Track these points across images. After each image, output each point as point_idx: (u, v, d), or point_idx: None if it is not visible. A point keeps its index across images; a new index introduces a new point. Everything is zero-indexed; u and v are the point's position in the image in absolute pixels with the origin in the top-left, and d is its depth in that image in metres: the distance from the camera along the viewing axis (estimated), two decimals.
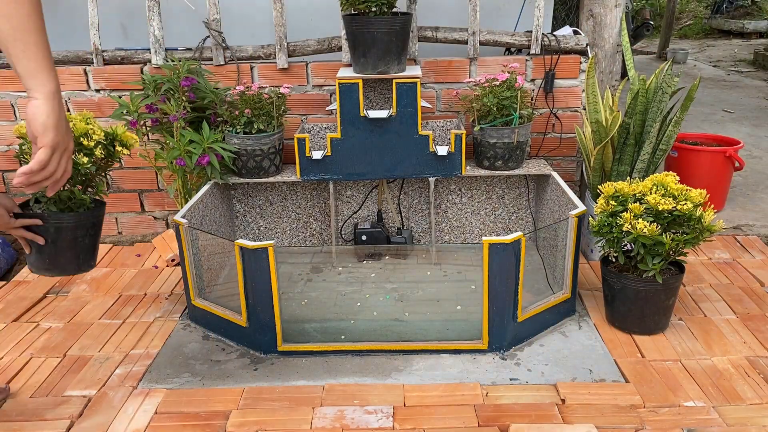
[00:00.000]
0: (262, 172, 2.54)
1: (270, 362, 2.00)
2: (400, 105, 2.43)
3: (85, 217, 1.78)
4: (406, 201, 2.77)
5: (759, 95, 5.95)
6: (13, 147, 2.88)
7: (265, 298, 1.95)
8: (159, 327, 2.21)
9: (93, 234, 1.82)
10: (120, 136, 1.90)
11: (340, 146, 2.50)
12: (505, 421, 1.69)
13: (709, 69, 7.51)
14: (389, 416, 1.72)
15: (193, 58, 2.72)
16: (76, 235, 1.77)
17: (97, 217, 1.82)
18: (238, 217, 2.78)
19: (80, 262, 1.80)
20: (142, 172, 2.90)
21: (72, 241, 1.76)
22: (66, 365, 2.00)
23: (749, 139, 4.33)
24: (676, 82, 2.53)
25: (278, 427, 1.70)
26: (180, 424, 1.72)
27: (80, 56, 2.78)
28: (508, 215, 2.79)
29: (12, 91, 2.80)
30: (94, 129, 1.82)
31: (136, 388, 1.88)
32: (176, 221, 2.10)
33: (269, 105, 2.47)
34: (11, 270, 2.73)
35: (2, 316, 2.30)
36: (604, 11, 2.72)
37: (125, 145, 1.91)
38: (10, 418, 1.75)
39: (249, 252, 1.90)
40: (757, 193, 3.32)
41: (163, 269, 2.66)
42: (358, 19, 2.33)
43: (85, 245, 1.79)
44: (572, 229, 2.05)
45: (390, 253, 2.72)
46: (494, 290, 1.93)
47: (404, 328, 2.15)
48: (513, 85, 2.44)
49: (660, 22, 8.92)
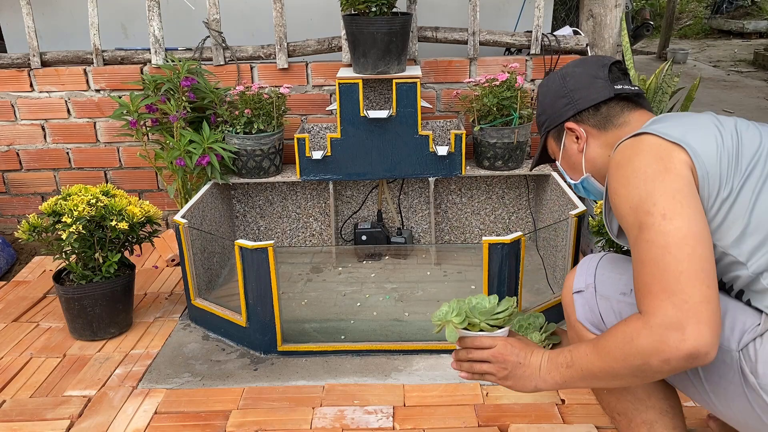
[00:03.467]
0: (262, 172, 2.54)
1: (270, 362, 2.00)
2: (400, 105, 2.43)
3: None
4: (406, 201, 2.77)
5: (759, 95, 5.95)
6: (13, 147, 2.88)
7: (265, 298, 1.95)
8: (159, 327, 2.21)
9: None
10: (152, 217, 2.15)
11: (340, 146, 2.50)
12: (505, 421, 1.69)
13: (709, 69, 7.51)
14: (389, 416, 1.72)
15: (193, 58, 2.72)
16: None
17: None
18: (238, 217, 2.78)
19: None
20: (142, 172, 2.90)
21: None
22: (66, 365, 2.00)
23: None
24: (676, 82, 2.53)
25: (278, 427, 1.70)
26: (180, 424, 1.72)
27: (80, 56, 2.78)
28: (508, 215, 2.79)
29: (12, 91, 2.80)
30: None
31: (136, 388, 1.88)
32: (176, 221, 2.10)
33: (269, 105, 2.47)
34: (11, 270, 2.73)
35: (2, 316, 2.30)
36: (604, 11, 2.72)
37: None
38: (10, 418, 1.75)
39: (249, 252, 1.90)
40: None
41: (163, 269, 2.66)
42: (358, 19, 2.33)
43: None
44: (572, 229, 2.05)
45: (390, 253, 2.72)
46: (494, 290, 1.93)
47: (404, 328, 2.15)
48: (513, 85, 2.44)
49: (660, 22, 8.92)
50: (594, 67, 1.36)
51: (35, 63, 2.75)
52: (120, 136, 2.72)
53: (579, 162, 1.39)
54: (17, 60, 2.78)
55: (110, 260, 2.05)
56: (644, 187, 1.08)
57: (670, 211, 1.05)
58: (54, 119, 2.83)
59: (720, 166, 1.10)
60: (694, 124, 1.18)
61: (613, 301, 1.29)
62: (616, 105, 1.33)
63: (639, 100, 1.35)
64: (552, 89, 1.41)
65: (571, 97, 1.36)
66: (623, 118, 1.32)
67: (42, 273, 2.64)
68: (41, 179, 2.94)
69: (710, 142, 1.12)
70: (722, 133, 1.15)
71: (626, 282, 1.27)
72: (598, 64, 1.37)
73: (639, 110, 1.33)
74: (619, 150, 1.19)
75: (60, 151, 2.89)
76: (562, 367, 1.18)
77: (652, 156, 1.11)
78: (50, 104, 2.81)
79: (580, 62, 1.41)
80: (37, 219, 2.04)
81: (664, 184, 1.07)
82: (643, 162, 1.11)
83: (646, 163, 1.11)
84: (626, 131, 1.28)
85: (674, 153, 1.10)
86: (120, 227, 1.99)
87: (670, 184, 1.07)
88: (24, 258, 2.82)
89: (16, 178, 2.94)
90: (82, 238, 1.99)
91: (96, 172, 2.92)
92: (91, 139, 2.86)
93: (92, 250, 2.04)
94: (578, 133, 1.35)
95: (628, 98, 1.34)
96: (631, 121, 1.31)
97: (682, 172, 1.09)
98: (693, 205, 1.06)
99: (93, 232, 2.01)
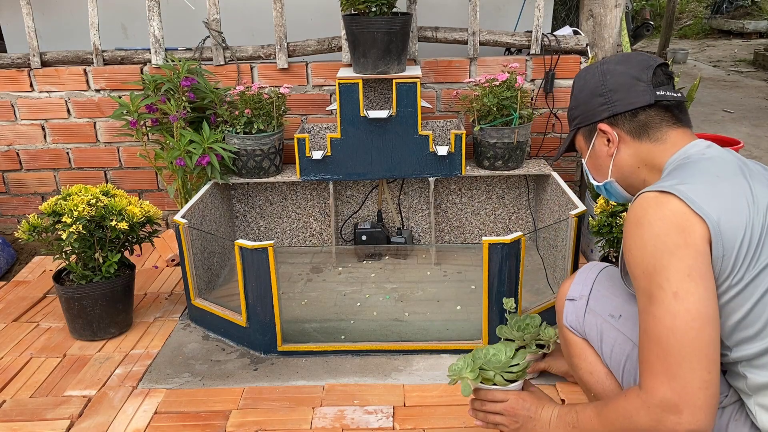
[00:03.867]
0: (262, 172, 2.54)
1: (270, 362, 2.00)
2: (400, 105, 2.43)
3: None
4: (406, 201, 2.77)
5: (759, 95, 5.95)
6: (13, 147, 2.88)
7: (265, 298, 1.95)
8: (159, 327, 2.21)
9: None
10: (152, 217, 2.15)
11: (340, 146, 2.50)
12: None
13: (709, 69, 7.51)
14: (389, 416, 1.72)
15: (193, 58, 2.72)
16: None
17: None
18: (238, 217, 2.78)
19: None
20: (142, 172, 2.90)
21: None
22: (66, 365, 2.00)
23: (749, 139, 4.33)
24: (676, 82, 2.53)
25: (278, 427, 1.70)
26: (180, 424, 1.72)
27: (80, 56, 2.78)
28: (508, 215, 2.79)
29: (12, 91, 2.80)
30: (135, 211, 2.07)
31: (136, 388, 1.88)
32: (176, 221, 2.10)
33: (269, 105, 2.47)
34: (11, 270, 2.73)
35: (2, 316, 2.30)
36: (604, 11, 2.72)
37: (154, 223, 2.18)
38: (10, 418, 1.76)
39: (249, 252, 1.90)
40: None
41: (163, 269, 2.66)
42: (358, 19, 2.33)
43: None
44: (572, 229, 2.05)
45: (390, 253, 2.72)
46: (494, 290, 1.93)
47: (404, 328, 2.15)
48: (513, 85, 2.44)
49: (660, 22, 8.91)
50: (637, 67, 1.28)
51: (35, 63, 2.75)
52: (120, 136, 2.72)
53: (607, 165, 1.34)
54: (17, 60, 2.78)
55: (110, 260, 2.05)
56: (660, 258, 1.06)
57: (683, 290, 1.03)
58: (54, 119, 2.83)
59: (739, 251, 1.06)
60: (727, 192, 1.10)
61: (599, 320, 1.33)
62: (655, 115, 1.26)
63: (679, 114, 1.28)
64: (590, 85, 1.33)
65: (609, 97, 1.29)
66: (661, 133, 1.25)
67: (42, 273, 2.64)
68: (41, 179, 2.94)
69: (737, 224, 1.07)
70: (751, 215, 1.08)
71: (617, 306, 1.28)
72: (642, 64, 1.29)
73: (679, 128, 1.26)
74: (640, 203, 1.12)
75: (60, 151, 2.89)
76: (569, 426, 1.23)
77: (673, 226, 1.06)
78: (50, 104, 2.81)
79: (623, 59, 1.33)
80: (37, 219, 2.04)
81: (680, 260, 1.05)
82: (663, 230, 1.07)
83: (666, 232, 1.07)
84: (661, 149, 1.24)
85: (696, 226, 1.05)
86: (120, 227, 1.99)
87: (686, 260, 1.05)
88: (24, 258, 2.82)
89: (16, 178, 2.94)
90: (82, 238, 1.99)
91: (96, 172, 2.92)
92: (91, 139, 2.86)
93: (92, 250, 2.04)
94: (611, 136, 1.30)
95: (669, 108, 1.26)
96: (669, 138, 1.25)
97: (701, 247, 1.05)
98: (706, 284, 1.05)
99: (93, 232, 2.01)
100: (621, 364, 1.32)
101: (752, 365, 1.10)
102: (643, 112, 1.26)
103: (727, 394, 1.14)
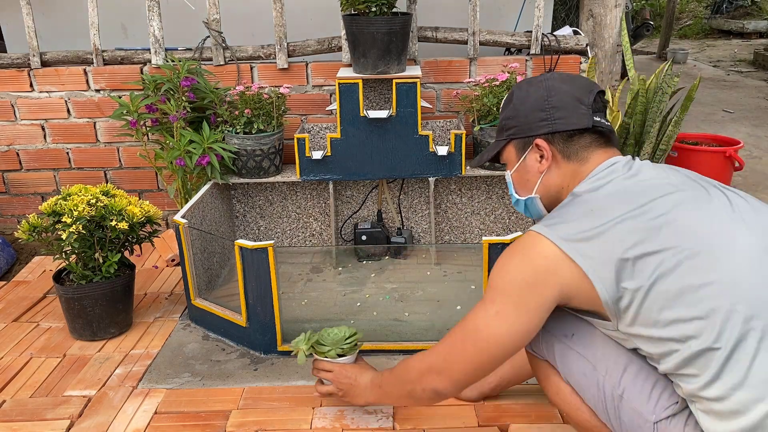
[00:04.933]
0: (262, 172, 2.54)
1: (270, 362, 2.00)
2: (400, 105, 2.43)
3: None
4: (406, 201, 2.78)
5: (759, 95, 5.95)
6: (13, 147, 2.88)
7: (265, 298, 1.95)
8: (159, 327, 2.21)
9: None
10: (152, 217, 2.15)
11: (340, 146, 2.50)
12: (505, 421, 1.69)
13: (709, 69, 7.51)
14: (389, 416, 1.72)
15: (193, 58, 2.72)
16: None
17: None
18: (238, 217, 2.79)
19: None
20: (142, 172, 2.91)
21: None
22: (66, 365, 2.00)
23: (749, 139, 4.34)
24: (676, 82, 2.53)
25: (278, 427, 1.70)
26: (180, 424, 1.72)
27: (80, 56, 2.78)
28: (508, 215, 2.79)
29: (12, 91, 2.80)
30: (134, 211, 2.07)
31: (135, 388, 1.88)
32: (176, 221, 2.10)
33: (269, 105, 2.47)
34: (11, 270, 2.73)
35: (2, 316, 2.30)
36: (604, 11, 2.73)
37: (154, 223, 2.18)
38: (10, 418, 1.76)
39: (249, 252, 1.90)
40: (757, 193, 3.32)
41: (163, 269, 2.66)
42: (358, 19, 2.33)
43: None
44: None
45: (390, 253, 2.72)
46: None
47: (404, 328, 2.15)
48: (513, 85, 2.44)
49: (660, 22, 8.92)
50: (581, 90, 1.32)
51: (35, 63, 2.75)
52: (120, 136, 2.72)
53: (534, 181, 1.36)
54: (17, 60, 2.78)
55: (110, 260, 2.05)
56: (509, 286, 1.21)
57: (505, 315, 1.21)
58: (54, 119, 2.84)
59: (617, 281, 1.13)
60: (603, 229, 1.15)
61: (555, 339, 1.35)
62: (588, 137, 1.31)
63: (608, 141, 1.33)
64: (532, 98, 1.34)
65: (552, 114, 1.31)
66: (587, 153, 1.30)
67: (42, 273, 2.64)
68: (41, 179, 2.94)
69: (607, 259, 1.13)
70: (629, 242, 1.12)
71: (570, 323, 1.32)
72: (585, 88, 1.32)
73: (602, 149, 1.31)
74: (526, 239, 1.23)
75: (60, 151, 2.89)
76: (377, 387, 1.54)
77: (533, 269, 1.18)
78: (50, 104, 2.81)
79: (568, 79, 1.36)
80: (37, 219, 2.04)
81: (521, 295, 1.19)
82: (522, 268, 1.20)
83: (523, 270, 1.20)
84: (583, 169, 1.29)
85: (549, 277, 1.17)
86: (120, 227, 1.99)
87: (527, 297, 1.19)
88: (24, 258, 2.82)
89: (16, 178, 2.94)
90: (82, 238, 1.99)
91: (96, 172, 2.92)
92: (91, 139, 2.86)
93: (92, 250, 2.04)
94: (546, 153, 1.32)
95: (602, 134, 1.31)
96: (591, 158, 1.30)
97: (547, 293, 1.18)
98: (532, 320, 1.20)
99: (93, 232, 2.01)
100: (580, 384, 1.32)
101: (676, 376, 1.14)
102: (579, 134, 1.31)
103: (678, 401, 1.17)
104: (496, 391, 1.75)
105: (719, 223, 1.14)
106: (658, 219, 1.13)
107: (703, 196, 1.19)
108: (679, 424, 1.16)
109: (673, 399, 1.18)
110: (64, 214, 1.97)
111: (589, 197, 1.23)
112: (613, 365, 1.24)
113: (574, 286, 1.16)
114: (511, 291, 1.20)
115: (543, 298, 1.18)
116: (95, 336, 2.12)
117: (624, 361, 1.23)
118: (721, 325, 1.06)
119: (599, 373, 1.26)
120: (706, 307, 1.07)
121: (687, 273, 1.09)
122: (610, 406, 1.25)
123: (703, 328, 1.07)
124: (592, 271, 1.13)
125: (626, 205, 1.17)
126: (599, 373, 1.26)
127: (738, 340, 1.05)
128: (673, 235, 1.11)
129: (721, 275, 1.08)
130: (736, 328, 1.05)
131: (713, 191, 1.21)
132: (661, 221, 1.13)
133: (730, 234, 1.12)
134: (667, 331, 1.10)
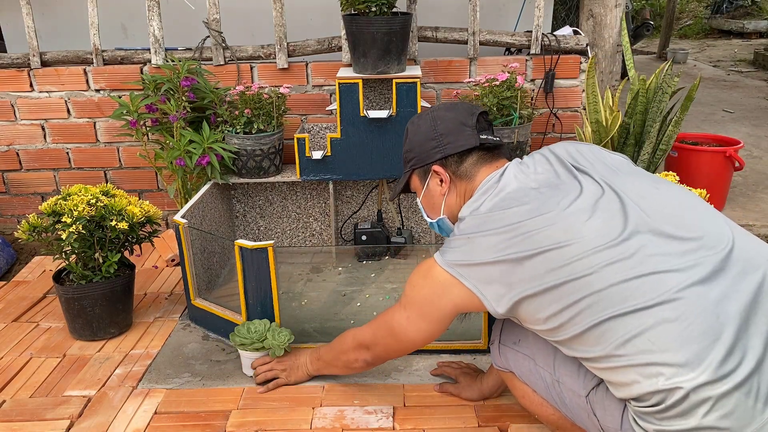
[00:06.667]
0: (262, 172, 2.54)
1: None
2: (400, 105, 2.43)
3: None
4: (406, 201, 2.77)
5: (759, 95, 5.95)
6: (13, 147, 2.88)
7: (265, 298, 1.95)
8: (159, 327, 2.21)
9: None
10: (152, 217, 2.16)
11: (340, 146, 2.50)
12: (505, 421, 1.69)
13: (709, 69, 7.51)
14: (389, 416, 1.72)
15: (193, 58, 2.72)
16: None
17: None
18: (238, 217, 2.78)
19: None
20: (142, 172, 2.91)
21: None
22: (66, 365, 2.00)
23: (749, 139, 4.33)
24: (676, 82, 2.53)
25: (278, 427, 1.70)
26: (180, 424, 1.72)
27: (80, 56, 2.78)
28: None
29: (12, 91, 2.80)
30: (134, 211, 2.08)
31: (135, 388, 1.88)
32: (176, 221, 2.10)
33: (269, 105, 2.47)
34: (11, 270, 2.73)
35: (2, 316, 2.30)
36: (604, 11, 2.73)
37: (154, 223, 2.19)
38: (10, 418, 1.75)
39: (249, 252, 1.90)
40: (757, 193, 3.32)
41: (163, 269, 2.66)
42: (358, 19, 2.33)
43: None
44: None
45: (390, 253, 2.72)
46: None
47: None
48: (513, 85, 2.44)
49: (660, 22, 8.92)
50: (464, 114, 1.48)
51: (35, 63, 2.75)
52: (120, 136, 2.72)
53: (439, 204, 1.52)
54: (17, 60, 2.78)
55: (110, 260, 2.05)
56: (416, 298, 1.42)
57: (414, 320, 1.44)
58: (54, 119, 2.84)
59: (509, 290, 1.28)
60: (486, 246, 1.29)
61: (508, 350, 1.50)
62: (476, 155, 1.46)
63: (497, 154, 1.48)
64: (422, 129, 1.50)
65: (441, 140, 1.47)
66: (474, 170, 1.45)
67: (42, 273, 2.64)
68: (41, 179, 2.94)
69: (491, 275, 1.29)
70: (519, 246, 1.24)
71: (517, 332, 1.47)
72: (467, 112, 1.48)
73: (487, 164, 1.45)
74: (430, 262, 1.39)
75: (60, 151, 2.89)
76: (315, 359, 1.80)
77: (431, 288, 1.38)
78: (50, 104, 2.81)
79: (451, 107, 1.51)
80: (37, 219, 2.04)
81: (424, 307, 1.41)
82: (424, 285, 1.40)
83: (425, 287, 1.40)
84: (471, 186, 1.44)
85: (444, 295, 1.36)
86: (120, 227, 1.99)
87: (429, 309, 1.41)
88: (24, 258, 2.82)
89: (16, 178, 2.94)
90: (82, 238, 1.99)
91: (96, 172, 2.92)
92: (91, 139, 2.86)
93: (92, 250, 2.04)
94: (443, 177, 1.48)
95: (490, 150, 1.47)
96: (477, 175, 1.45)
97: (444, 307, 1.38)
98: (433, 327, 1.42)
99: (93, 232, 2.01)
100: (531, 381, 1.45)
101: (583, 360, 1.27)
102: (468, 154, 1.46)
103: (594, 376, 1.29)
104: (496, 391, 1.76)
105: (571, 215, 1.23)
106: (522, 233, 1.25)
107: (559, 194, 1.28)
108: (602, 389, 1.28)
109: (591, 374, 1.31)
110: (64, 214, 1.97)
111: (469, 222, 1.35)
112: (545, 356, 1.39)
113: (467, 300, 1.33)
114: (418, 302, 1.42)
115: (442, 311, 1.39)
116: (95, 336, 2.12)
117: (552, 350, 1.37)
118: (580, 310, 1.19)
119: (539, 366, 1.41)
120: (566, 301, 1.20)
121: (548, 275, 1.21)
122: (554, 393, 1.39)
123: (571, 317, 1.20)
124: (476, 291, 1.31)
125: (495, 224, 1.30)
126: (539, 366, 1.41)
127: (593, 322, 1.18)
128: (534, 243, 1.23)
129: (574, 269, 1.19)
130: (590, 311, 1.18)
131: (570, 183, 1.30)
132: (523, 231, 1.24)
133: (576, 225, 1.21)
134: (548, 325, 1.25)
